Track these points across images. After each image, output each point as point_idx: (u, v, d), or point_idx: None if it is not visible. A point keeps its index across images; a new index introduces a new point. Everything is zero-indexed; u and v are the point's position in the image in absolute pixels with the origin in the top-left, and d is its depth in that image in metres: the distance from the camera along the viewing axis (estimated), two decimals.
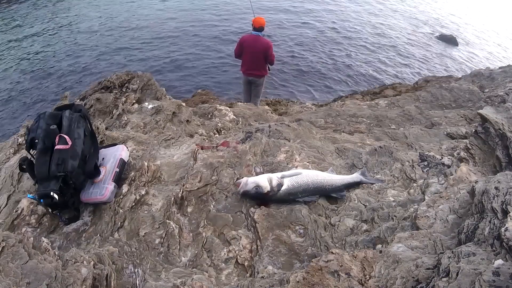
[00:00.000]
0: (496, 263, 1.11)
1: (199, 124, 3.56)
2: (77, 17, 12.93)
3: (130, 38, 11.06)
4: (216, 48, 10.39)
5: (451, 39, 12.98)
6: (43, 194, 1.86)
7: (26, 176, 2.32)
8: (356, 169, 2.45)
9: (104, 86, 3.66)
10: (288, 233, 1.90)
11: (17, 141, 2.81)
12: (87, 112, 2.42)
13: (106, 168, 2.18)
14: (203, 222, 2.01)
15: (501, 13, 18.50)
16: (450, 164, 2.25)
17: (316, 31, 11.97)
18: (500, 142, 2.16)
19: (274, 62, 5.58)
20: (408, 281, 1.27)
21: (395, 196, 2.11)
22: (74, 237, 1.97)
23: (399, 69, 10.48)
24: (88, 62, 9.77)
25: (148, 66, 9.34)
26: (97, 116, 3.28)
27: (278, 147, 2.56)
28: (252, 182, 2.04)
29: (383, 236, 1.72)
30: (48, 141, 1.96)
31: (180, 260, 1.82)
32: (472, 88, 4.47)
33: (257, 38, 5.24)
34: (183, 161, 2.43)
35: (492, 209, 1.36)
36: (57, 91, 8.42)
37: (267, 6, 13.55)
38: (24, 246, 1.50)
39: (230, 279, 1.73)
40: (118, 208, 2.04)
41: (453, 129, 3.29)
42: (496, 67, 5.83)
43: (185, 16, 12.66)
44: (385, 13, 14.90)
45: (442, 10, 16.90)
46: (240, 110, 4.41)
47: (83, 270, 1.48)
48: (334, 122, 4.03)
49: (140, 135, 2.92)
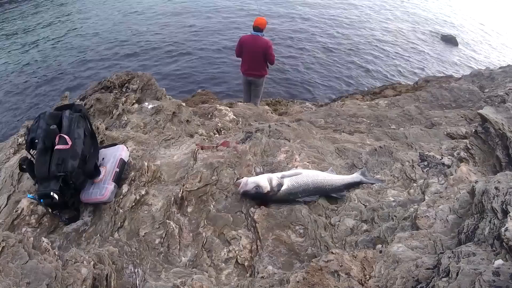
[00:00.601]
0: (496, 263, 1.11)
1: (199, 124, 3.55)
2: (77, 17, 12.94)
3: (130, 38, 11.06)
4: (216, 48, 10.40)
5: (451, 39, 12.98)
6: (43, 194, 1.86)
7: (26, 176, 2.32)
8: (356, 169, 2.45)
9: (104, 86, 3.66)
10: (288, 233, 1.90)
11: (17, 141, 2.81)
12: (87, 112, 2.42)
13: (106, 168, 2.18)
14: (203, 222, 2.01)
15: (501, 13, 18.50)
16: (450, 164, 2.25)
17: (316, 32, 11.97)
18: (500, 142, 2.16)
19: (274, 62, 5.57)
20: (408, 281, 1.27)
21: (395, 196, 2.11)
22: (74, 237, 1.97)
23: (399, 69, 10.48)
24: (88, 62, 9.77)
25: (148, 66, 9.34)
26: (97, 116, 3.27)
27: (278, 147, 2.56)
28: (252, 182, 2.04)
29: (383, 236, 1.72)
30: (48, 141, 1.96)
31: (180, 260, 1.82)
32: (472, 88, 4.47)
33: (256, 38, 5.23)
34: (183, 161, 2.43)
35: (492, 209, 1.36)
36: (57, 91, 8.42)
37: (267, 7, 13.56)
38: (24, 246, 1.50)
39: (230, 279, 1.73)
40: (118, 208, 2.04)
41: (453, 129, 3.29)
42: (496, 67, 5.83)
43: (186, 16, 12.66)
44: (385, 13, 14.90)
45: (442, 10, 16.90)
46: (240, 110, 4.41)
47: (83, 270, 1.48)
48: (334, 122, 4.03)
49: (140, 135, 2.92)
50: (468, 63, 11.71)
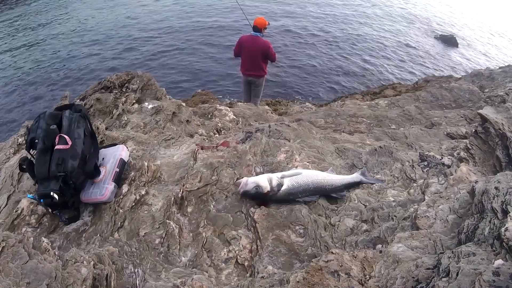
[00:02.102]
0: (496, 263, 1.11)
1: (199, 124, 3.55)
2: (78, 17, 12.94)
3: (131, 38, 11.06)
4: (216, 48, 10.39)
5: (451, 39, 12.97)
6: (43, 194, 1.86)
7: (26, 176, 2.32)
8: (356, 169, 2.45)
9: (104, 86, 3.66)
10: (288, 233, 1.90)
11: (17, 141, 2.81)
12: (87, 112, 2.42)
13: (106, 168, 2.18)
14: (203, 222, 2.01)
15: (501, 13, 18.50)
16: (450, 164, 2.24)
17: (316, 32, 11.97)
18: (500, 142, 2.16)
19: (276, 59, 5.60)
20: (408, 281, 1.27)
21: (395, 196, 2.11)
22: (74, 237, 1.97)
23: (399, 69, 10.48)
24: (88, 62, 9.77)
25: (148, 66, 9.34)
26: (97, 116, 3.27)
27: (278, 147, 2.56)
28: (252, 182, 2.04)
29: (383, 236, 1.72)
30: (48, 141, 1.96)
31: (180, 260, 1.82)
32: (472, 88, 4.47)
33: (255, 39, 5.24)
34: (183, 161, 2.43)
35: (492, 209, 1.36)
36: (57, 91, 8.42)
37: (268, 8, 13.55)
38: (24, 246, 1.50)
39: (230, 279, 1.73)
40: (118, 208, 2.04)
41: (453, 129, 3.29)
42: (496, 67, 5.83)
43: (186, 16, 12.66)
44: (385, 14, 14.90)
45: (442, 10, 16.90)
46: (240, 110, 4.41)
47: (83, 270, 1.48)
48: (334, 122, 4.03)
49: (140, 135, 2.92)
50: (468, 63, 11.71)
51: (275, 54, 5.45)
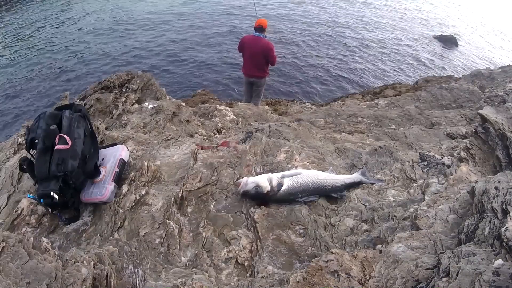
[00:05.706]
0: (496, 263, 1.11)
1: (199, 124, 3.56)
2: (78, 18, 12.93)
3: (131, 38, 11.07)
4: (216, 48, 10.39)
5: (451, 39, 12.98)
6: (43, 194, 1.86)
7: (26, 176, 2.32)
8: (356, 169, 2.45)
9: (104, 86, 3.66)
10: (288, 233, 1.90)
11: (17, 141, 2.81)
12: (87, 112, 2.42)
13: (106, 168, 2.18)
14: (203, 222, 2.01)
15: (501, 13, 18.50)
16: (450, 164, 2.24)
17: (316, 32, 11.98)
18: (500, 142, 2.16)
19: (275, 63, 5.54)
20: (408, 281, 1.27)
21: (395, 196, 2.11)
22: (74, 237, 1.97)
23: (399, 69, 10.48)
24: (88, 62, 9.77)
25: (148, 66, 9.34)
26: (97, 116, 3.27)
27: (278, 147, 2.56)
28: (252, 182, 2.04)
29: (383, 236, 1.72)
30: (48, 141, 1.96)
31: (180, 260, 1.82)
32: (472, 88, 4.47)
33: (257, 39, 5.22)
34: (183, 161, 2.43)
35: (492, 209, 1.36)
36: (57, 91, 8.42)
37: (267, 8, 13.55)
38: (24, 246, 1.50)
39: (230, 279, 1.73)
40: (118, 208, 2.04)
41: (453, 129, 3.29)
42: (496, 67, 5.82)
43: (186, 16, 12.66)
44: (385, 14, 14.91)
45: (442, 10, 16.91)
46: (240, 110, 4.41)
47: (83, 270, 1.48)
48: (334, 122, 4.03)
49: (140, 135, 2.92)
50: (468, 63, 11.71)
51: (275, 58, 5.39)
